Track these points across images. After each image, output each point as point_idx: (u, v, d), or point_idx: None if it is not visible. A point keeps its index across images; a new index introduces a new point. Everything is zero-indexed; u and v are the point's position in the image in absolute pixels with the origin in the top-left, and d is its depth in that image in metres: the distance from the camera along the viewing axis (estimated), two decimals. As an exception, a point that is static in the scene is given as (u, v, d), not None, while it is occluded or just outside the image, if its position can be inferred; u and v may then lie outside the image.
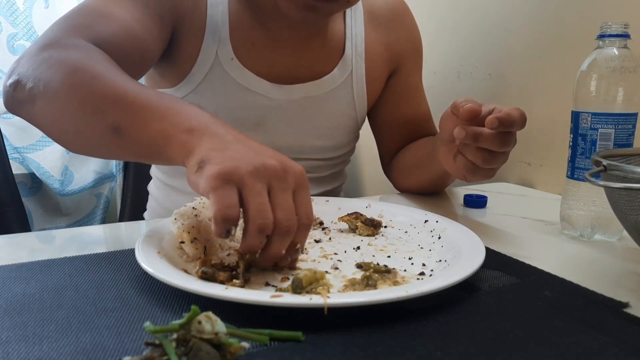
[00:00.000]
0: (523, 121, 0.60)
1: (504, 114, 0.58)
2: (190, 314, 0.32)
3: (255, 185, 0.43)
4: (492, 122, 0.58)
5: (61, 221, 1.52)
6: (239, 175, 0.43)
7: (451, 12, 1.14)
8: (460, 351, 0.36)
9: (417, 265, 0.52)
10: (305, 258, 0.54)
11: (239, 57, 0.77)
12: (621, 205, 0.50)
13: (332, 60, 0.83)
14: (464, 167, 0.63)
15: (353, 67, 0.84)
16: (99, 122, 0.53)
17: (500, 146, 0.60)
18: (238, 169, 0.43)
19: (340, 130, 0.86)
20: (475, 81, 1.09)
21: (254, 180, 0.43)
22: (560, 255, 0.59)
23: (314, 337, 0.37)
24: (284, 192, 0.44)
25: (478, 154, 0.61)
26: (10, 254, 0.57)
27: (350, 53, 0.84)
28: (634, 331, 0.39)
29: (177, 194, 0.85)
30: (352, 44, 0.84)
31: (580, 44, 0.87)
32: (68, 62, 0.56)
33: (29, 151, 1.42)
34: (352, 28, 0.85)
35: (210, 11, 0.76)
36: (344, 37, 0.84)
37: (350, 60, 0.84)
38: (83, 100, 0.54)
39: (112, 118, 0.52)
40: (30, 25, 1.41)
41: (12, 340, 0.37)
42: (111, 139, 0.53)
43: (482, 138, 0.60)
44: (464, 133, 0.60)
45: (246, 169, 0.43)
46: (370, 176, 1.46)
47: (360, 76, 0.85)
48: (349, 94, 0.85)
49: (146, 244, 0.50)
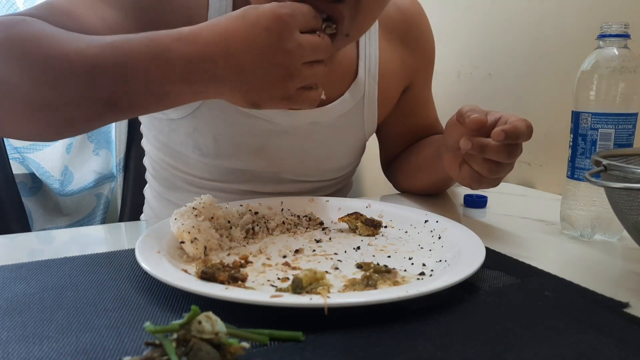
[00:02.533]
0: (529, 133, 0.59)
1: (510, 127, 0.57)
2: (190, 314, 0.32)
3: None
4: (498, 134, 0.57)
5: (61, 221, 1.52)
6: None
7: (451, 12, 1.14)
8: (460, 351, 0.36)
9: (417, 265, 0.52)
10: (306, 258, 0.54)
11: None
12: (621, 205, 0.50)
13: (343, 84, 0.78)
14: (470, 176, 0.63)
15: (365, 90, 0.79)
16: (88, 98, 0.51)
17: (507, 157, 0.59)
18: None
19: (347, 152, 0.82)
20: (475, 81, 1.09)
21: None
22: (560, 255, 0.59)
23: (314, 337, 0.37)
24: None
25: (484, 164, 0.61)
26: (10, 254, 0.57)
27: (364, 76, 0.79)
28: (634, 331, 0.39)
29: (174, 207, 0.81)
30: (365, 65, 0.79)
31: (580, 44, 0.87)
32: (7, 22, 0.53)
33: (29, 151, 1.42)
34: (366, 48, 0.79)
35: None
36: (357, 59, 0.78)
37: (363, 84, 0.79)
38: (61, 76, 0.50)
39: (103, 92, 0.50)
40: (30, 25, 1.41)
41: (12, 340, 0.37)
42: (109, 113, 0.52)
43: (488, 149, 0.59)
44: (470, 144, 0.59)
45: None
46: (370, 176, 1.46)
47: (372, 99, 0.80)
48: (359, 118, 0.80)
49: (146, 244, 0.50)
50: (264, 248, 0.56)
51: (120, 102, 0.52)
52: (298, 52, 0.51)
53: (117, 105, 0.52)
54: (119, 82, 0.51)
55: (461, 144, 0.60)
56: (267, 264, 0.52)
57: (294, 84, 0.53)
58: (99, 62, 0.50)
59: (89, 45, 0.51)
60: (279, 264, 0.51)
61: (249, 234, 0.60)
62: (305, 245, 0.57)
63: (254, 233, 0.60)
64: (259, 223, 0.62)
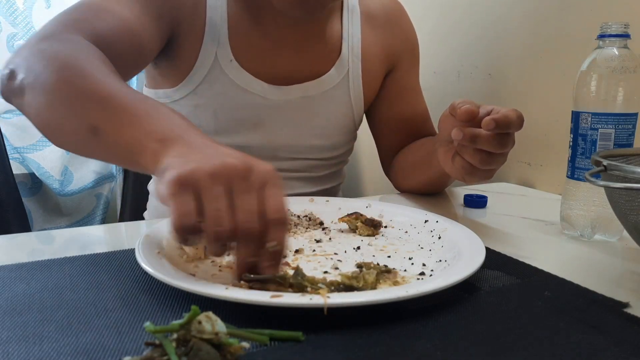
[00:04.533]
0: (520, 122, 0.59)
1: (500, 116, 0.58)
2: (190, 314, 0.32)
3: (213, 188, 0.40)
4: (488, 123, 0.58)
5: (61, 221, 1.52)
6: (195, 179, 0.40)
7: (451, 12, 1.14)
8: (460, 351, 0.36)
9: (417, 265, 0.52)
10: (306, 258, 0.54)
11: (237, 59, 0.78)
12: (621, 205, 0.50)
13: (329, 60, 0.84)
14: (462, 168, 0.63)
15: (350, 67, 0.85)
16: (79, 120, 0.53)
17: (498, 147, 0.60)
18: (195, 172, 0.40)
19: (337, 129, 0.87)
20: (475, 81, 1.09)
21: (212, 183, 0.40)
22: (560, 255, 0.59)
23: (314, 337, 0.37)
24: (245, 192, 0.41)
25: (476, 155, 0.61)
26: (10, 254, 0.57)
27: (347, 53, 0.85)
28: (634, 331, 0.39)
29: None
30: (348, 44, 0.86)
31: (580, 44, 0.87)
32: (60, 56, 0.56)
33: (29, 151, 1.42)
34: (349, 29, 0.86)
35: (210, 13, 0.76)
36: (341, 38, 0.85)
37: (346, 61, 0.85)
38: (67, 96, 0.54)
39: (92, 118, 0.51)
40: (30, 25, 1.41)
41: (13, 340, 0.37)
42: (89, 139, 0.52)
43: (480, 139, 0.60)
44: (461, 134, 0.60)
45: (204, 170, 0.40)
46: (370, 176, 1.46)
47: (356, 76, 0.86)
48: (345, 94, 0.86)
49: (146, 244, 0.50)
50: (264, 248, 0.56)
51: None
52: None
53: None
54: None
55: (453, 134, 0.61)
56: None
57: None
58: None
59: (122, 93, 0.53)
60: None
61: (249, 234, 0.60)
62: (305, 245, 0.57)
63: (254, 233, 0.60)
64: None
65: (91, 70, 0.55)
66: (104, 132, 0.51)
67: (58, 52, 0.57)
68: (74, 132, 0.54)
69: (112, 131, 0.50)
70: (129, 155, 0.49)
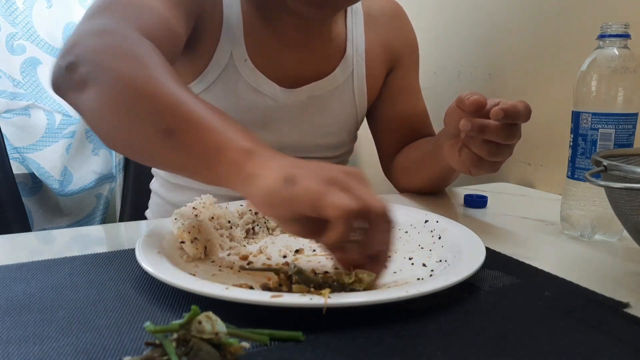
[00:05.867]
0: (528, 113, 0.60)
1: (509, 106, 0.59)
2: (190, 314, 0.32)
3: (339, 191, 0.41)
4: (497, 113, 0.58)
5: (61, 221, 1.52)
6: (332, 182, 0.41)
7: (451, 12, 1.14)
8: (460, 351, 0.36)
9: (417, 266, 0.52)
10: (306, 258, 0.54)
11: (251, 58, 0.78)
12: (621, 205, 0.50)
13: (334, 60, 0.85)
14: (469, 160, 0.64)
15: (354, 67, 0.86)
16: (152, 122, 0.50)
17: (506, 138, 0.60)
18: (326, 179, 0.41)
19: (341, 128, 0.88)
20: (475, 81, 1.09)
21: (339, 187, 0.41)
22: (561, 255, 0.59)
23: (314, 337, 0.37)
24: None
25: (484, 146, 0.61)
26: (10, 254, 0.57)
27: (351, 53, 0.86)
28: (634, 331, 0.39)
29: (181, 190, 0.86)
30: (352, 44, 0.87)
31: (580, 44, 0.87)
32: (132, 55, 0.54)
33: (29, 151, 1.42)
34: (353, 30, 0.87)
35: (226, 12, 0.77)
36: (345, 38, 0.86)
37: (351, 60, 0.86)
38: (139, 98, 0.51)
39: (167, 121, 0.49)
40: (30, 25, 1.41)
41: (12, 340, 0.37)
42: (161, 142, 0.50)
43: (488, 130, 0.60)
44: (470, 125, 0.60)
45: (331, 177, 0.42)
46: (370, 176, 1.45)
47: (360, 75, 0.87)
48: (350, 93, 0.87)
49: (146, 244, 0.50)
50: (264, 248, 0.56)
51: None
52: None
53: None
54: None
55: (461, 124, 0.61)
56: (267, 264, 0.52)
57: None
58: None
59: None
60: (280, 264, 0.51)
61: (249, 234, 0.60)
62: (305, 245, 0.57)
63: (254, 233, 0.61)
64: (259, 223, 0.62)
65: (162, 74, 0.53)
66: (180, 134, 0.49)
67: (129, 50, 0.54)
68: (144, 133, 0.51)
69: (190, 134, 0.48)
70: (203, 159, 0.48)
